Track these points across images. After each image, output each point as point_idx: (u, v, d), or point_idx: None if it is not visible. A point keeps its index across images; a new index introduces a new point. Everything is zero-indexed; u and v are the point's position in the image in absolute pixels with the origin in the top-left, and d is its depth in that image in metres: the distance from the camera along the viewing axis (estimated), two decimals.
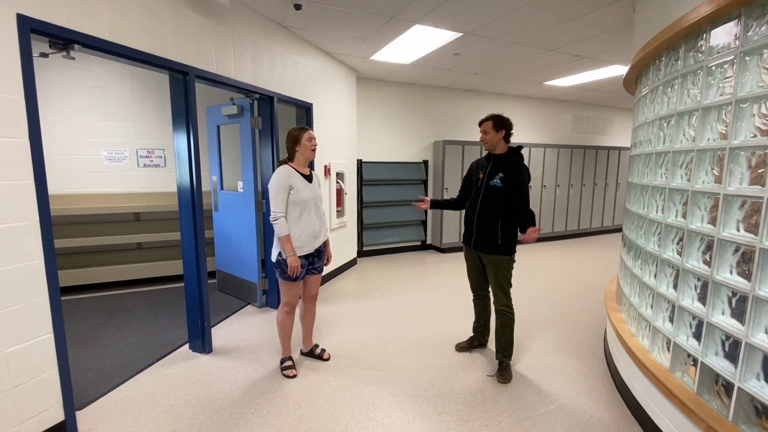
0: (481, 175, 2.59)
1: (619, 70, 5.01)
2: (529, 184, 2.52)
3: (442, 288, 4.46)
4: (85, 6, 1.98)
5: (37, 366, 1.84)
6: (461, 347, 2.93)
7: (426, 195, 6.17)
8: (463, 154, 6.04)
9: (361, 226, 5.68)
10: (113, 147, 4.38)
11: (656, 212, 2.11)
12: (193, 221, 2.73)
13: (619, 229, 8.15)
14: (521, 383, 2.51)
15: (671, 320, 1.89)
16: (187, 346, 2.96)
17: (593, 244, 7.09)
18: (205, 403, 2.27)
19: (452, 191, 6.03)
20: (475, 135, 6.54)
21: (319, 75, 4.25)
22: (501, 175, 2.48)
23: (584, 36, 3.80)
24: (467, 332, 3.08)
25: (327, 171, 4.45)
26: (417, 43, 4.03)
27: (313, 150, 2.55)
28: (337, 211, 4.76)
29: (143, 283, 4.46)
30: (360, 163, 5.58)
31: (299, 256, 2.43)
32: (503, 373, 2.54)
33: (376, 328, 3.32)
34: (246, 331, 3.27)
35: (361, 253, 5.76)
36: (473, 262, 2.73)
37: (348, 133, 5.00)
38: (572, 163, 7.20)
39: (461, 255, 5.86)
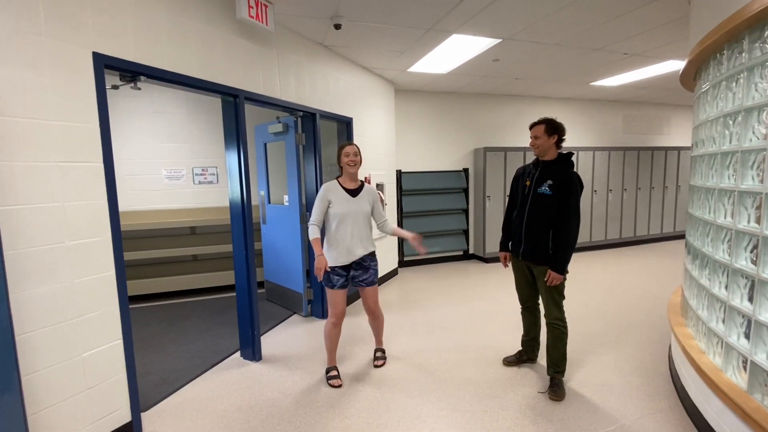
0: (528, 183, 2.51)
1: (675, 65, 4.69)
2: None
3: (487, 299, 4.33)
4: (150, 41, 2.18)
5: (109, 370, 2.02)
6: (509, 361, 2.82)
7: (467, 203, 6.07)
8: (506, 161, 5.89)
9: None
10: (172, 166, 4.75)
11: (724, 217, 1.93)
12: (243, 234, 2.88)
13: (680, 236, 7.51)
14: (575, 401, 2.37)
15: (747, 336, 1.71)
16: (238, 353, 3.10)
17: (651, 252, 6.58)
18: (255, 410, 2.36)
19: (494, 199, 5.88)
20: (518, 141, 6.37)
21: (358, 90, 4.36)
22: (550, 182, 2.39)
23: (632, 33, 3.60)
24: (515, 346, 2.96)
25: (367, 182, 4.51)
26: (454, 52, 4.02)
27: (350, 164, 2.60)
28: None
29: (199, 293, 4.75)
30: (399, 173, 5.62)
31: (336, 266, 2.55)
32: (555, 389, 2.41)
33: (420, 340, 3.29)
34: (292, 340, 3.37)
35: (402, 264, 5.76)
36: (522, 272, 2.64)
37: (387, 145, 5.07)
38: (625, 166, 6.78)
39: None
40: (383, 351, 2.96)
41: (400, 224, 5.63)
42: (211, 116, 4.85)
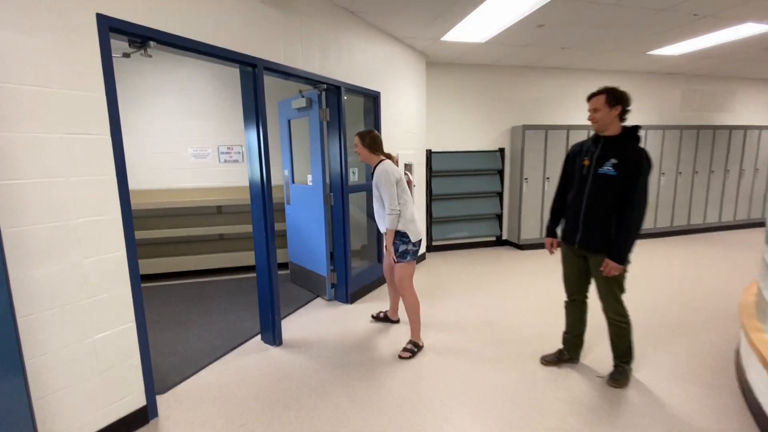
0: (586, 162, 2.18)
1: (754, 29, 4.04)
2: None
3: (522, 290, 4.03)
4: (160, 3, 2.00)
5: (121, 353, 1.94)
6: (548, 360, 2.55)
7: (502, 186, 5.69)
8: (546, 140, 5.43)
9: (430, 220, 5.42)
10: (198, 144, 4.68)
11: None
12: (263, 215, 2.73)
13: (745, 225, 6.78)
14: (628, 410, 2.09)
15: None
16: (259, 336, 3.01)
17: (710, 242, 5.97)
18: (272, 399, 2.24)
19: (533, 181, 5.46)
20: (560, 118, 5.86)
21: (386, 62, 4.06)
22: (614, 161, 2.06)
23: None
24: (554, 343, 2.68)
25: (395, 162, 4.25)
26: (495, 16, 3.62)
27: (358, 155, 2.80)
28: None
29: (225, 272, 4.73)
30: (429, 153, 5.31)
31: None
32: (617, 377, 2.21)
33: (448, 334, 3.07)
34: (315, 325, 3.24)
35: (430, 248, 5.51)
36: (573, 262, 2.35)
37: (417, 122, 4.76)
38: (681, 147, 6.12)
39: (542, 253, 5.35)
40: (414, 344, 2.71)
41: (428, 207, 5.36)
42: (237, 92, 4.69)
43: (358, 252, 4.82)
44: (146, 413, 2.06)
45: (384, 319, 3.25)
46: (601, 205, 2.11)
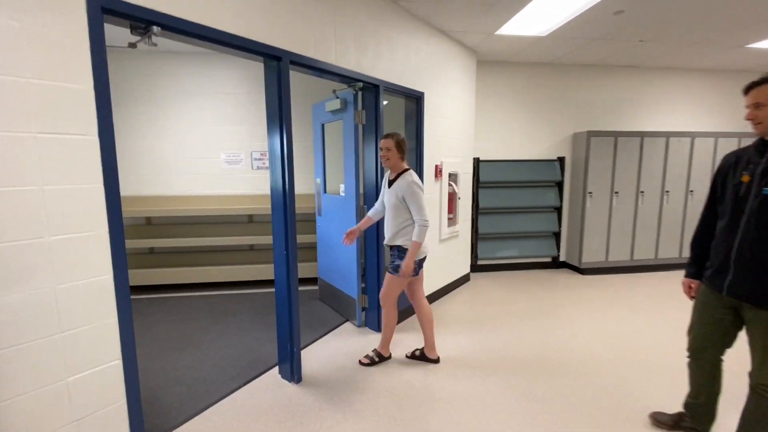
0: (745, 178, 1.61)
1: None
2: None
3: (590, 325, 3.37)
4: None
5: (103, 398, 1.61)
6: (661, 421, 1.96)
7: (561, 200, 5.00)
8: (616, 148, 4.70)
9: (476, 236, 4.86)
10: (231, 150, 4.49)
11: None
12: (284, 230, 2.36)
13: None
14: None
15: None
16: (276, 369, 2.63)
17: None
18: None
19: (598, 195, 4.74)
20: (632, 123, 5.09)
21: (432, 59, 3.61)
22: None
23: None
24: (646, 398, 2.05)
25: (438, 172, 3.78)
26: (561, 3, 3.07)
27: (383, 160, 2.53)
28: (449, 219, 4.05)
29: (253, 285, 4.47)
30: (477, 162, 4.77)
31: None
32: None
33: (501, 380, 2.52)
34: (341, 357, 2.82)
35: (476, 267, 4.94)
36: (715, 311, 1.76)
37: (464, 128, 4.25)
38: None
39: (609, 280, 4.61)
40: (378, 353, 2.73)
41: (474, 222, 4.80)
42: None
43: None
44: None
45: (420, 357, 2.78)
46: (765, 240, 1.52)
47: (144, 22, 1.65)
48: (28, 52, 1.34)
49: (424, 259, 2.57)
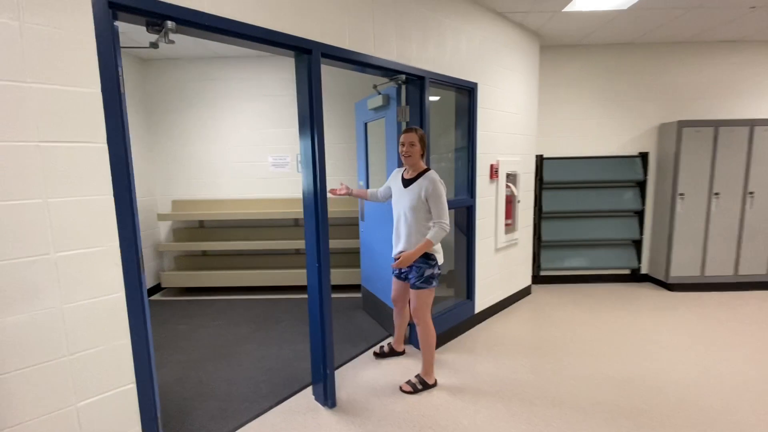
0: None
1: None
2: None
3: (683, 356, 2.76)
4: None
5: (116, 424, 1.50)
6: None
7: (643, 203, 4.28)
8: (716, 141, 3.90)
9: (539, 243, 4.32)
10: (278, 153, 4.44)
11: None
12: (316, 240, 2.15)
13: None
14: None
15: None
16: (311, 389, 2.44)
17: None
18: None
19: (692, 197, 3.97)
20: (737, 110, 4.22)
21: (487, 45, 3.20)
22: None
23: None
24: None
25: (493, 172, 3.36)
26: None
27: (403, 156, 2.32)
28: (506, 225, 3.60)
29: (298, 290, 4.38)
30: (540, 160, 4.24)
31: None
32: None
33: (570, 427, 2.08)
34: (382, 378, 2.55)
35: (537, 279, 4.40)
36: None
37: (524, 121, 3.77)
38: None
39: (703, 297, 3.84)
40: (421, 380, 2.43)
41: (537, 228, 4.27)
42: (324, 97, 4.33)
43: (440, 283, 4.05)
44: None
45: (389, 353, 2.81)
46: None
47: (157, 17, 1.52)
48: (29, 54, 1.24)
49: (442, 264, 2.40)
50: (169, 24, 1.54)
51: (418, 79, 2.65)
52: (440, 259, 2.36)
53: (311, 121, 2.07)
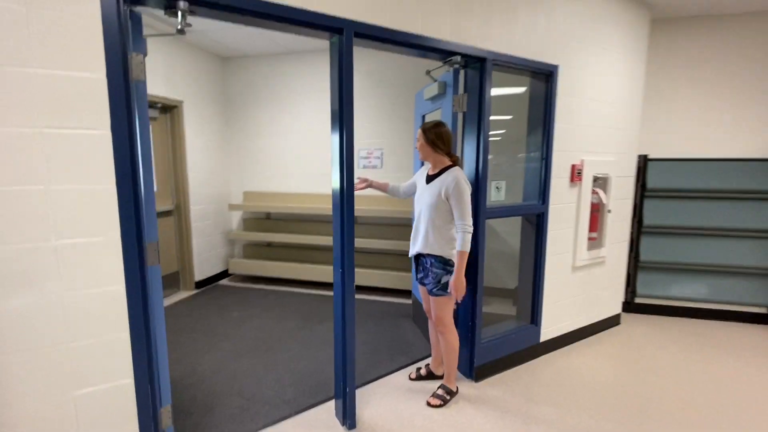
0: None
1: None
2: None
3: None
4: None
5: (112, 418, 1.47)
6: None
7: None
8: None
9: (635, 264, 3.52)
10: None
11: None
12: (341, 244, 1.94)
13: None
14: None
15: None
16: (333, 403, 2.25)
17: None
18: None
19: None
20: None
21: (573, 19, 2.63)
22: None
23: None
24: None
25: (575, 174, 2.77)
26: None
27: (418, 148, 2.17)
28: (590, 240, 2.97)
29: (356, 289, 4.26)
30: (644, 161, 3.43)
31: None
32: None
33: None
34: (414, 404, 2.25)
35: (631, 307, 3.60)
36: None
37: (623, 113, 3.06)
38: None
39: None
40: (447, 390, 2.30)
41: (634, 244, 3.48)
42: (385, 89, 4.14)
43: (493, 299, 3.58)
44: None
45: (426, 377, 2.52)
46: None
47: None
48: (36, 40, 1.23)
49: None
50: (181, 4, 1.45)
51: (477, 61, 2.25)
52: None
53: (340, 113, 1.85)
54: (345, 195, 1.90)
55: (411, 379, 2.52)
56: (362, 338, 3.10)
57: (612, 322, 3.31)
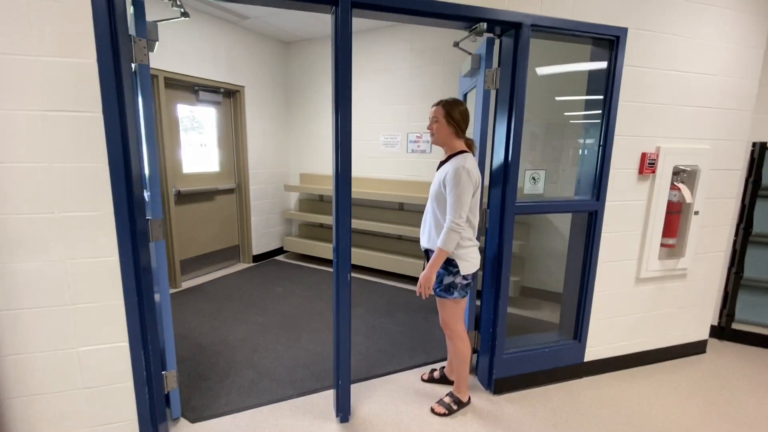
0: None
1: None
2: None
3: None
4: None
5: (110, 373, 1.64)
6: None
7: None
8: None
9: (737, 281, 2.77)
10: (389, 131, 4.22)
11: None
12: (337, 228, 1.85)
13: None
14: None
15: None
16: (332, 391, 2.22)
17: None
18: None
19: None
20: None
21: None
22: None
23: None
24: None
25: (646, 164, 2.24)
26: None
27: (430, 133, 1.93)
28: (664, 246, 2.40)
29: (392, 277, 4.18)
30: (760, 149, 2.64)
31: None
32: None
33: None
34: (418, 407, 2.10)
35: (724, 333, 2.87)
36: None
37: (727, 88, 2.35)
38: None
39: None
40: (455, 399, 2.10)
41: (736, 257, 2.74)
42: (435, 67, 3.87)
43: (546, 304, 3.18)
44: None
45: (439, 380, 2.35)
46: None
47: None
48: (34, 28, 1.35)
49: (475, 275, 2.00)
50: None
51: (511, 28, 1.91)
52: (466, 267, 1.87)
53: (336, 92, 1.73)
54: (339, 178, 1.79)
55: (423, 380, 2.37)
56: (386, 328, 3.01)
57: (693, 349, 2.68)
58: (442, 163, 1.93)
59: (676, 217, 2.40)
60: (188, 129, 3.86)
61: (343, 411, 1.99)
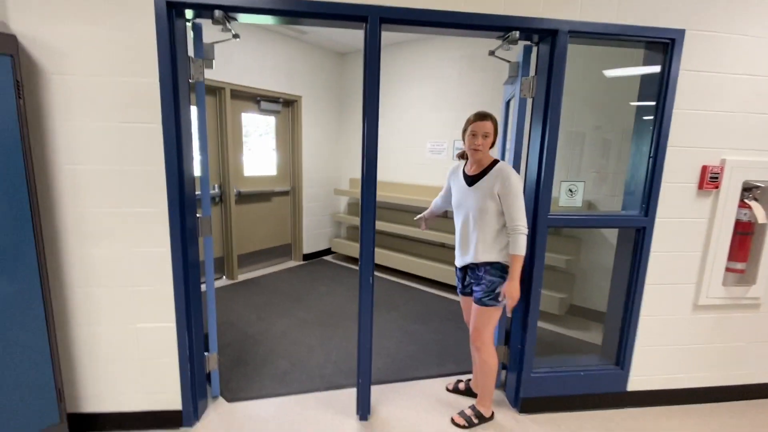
0: None
1: None
2: None
3: None
4: None
5: (158, 350, 1.88)
6: None
7: None
8: None
9: None
10: (436, 138, 4.23)
11: None
12: (363, 232, 1.93)
13: None
14: None
15: None
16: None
17: None
18: None
19: None
20: None
21: None
22: None
23: None
24: None
25: (706, 178, 2.01)
26: None
27: (473, 150, 1.87)
28: (730, 270, 2.13)
29: (433, 284, 4.17)
30: None
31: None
32: None
33: None
34: (437, 418, 2.11)
35: None
36: None
37: None
38: None
39: None
40: (477, 413, 2.06)
41: None
42: (484, 74, 3.81)
43: (595, 324, 2.96)
44: (180, 418, 1.95)
45: (465, 392, 2.32)
46: None
47: (207, 7, 1.66)
48: (113, 54, 1.62)
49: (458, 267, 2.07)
50: (216, 14, 1.67)
51: (548, 35, 1.85)
52: None
53: (364, 102, 1.82)
54: (365, 184, 1.87)
55: (448, 389, 2.35)
56: (419, 334, 3.02)
57: (764, 391, 2.32)
58: (473, 177, 1.91)
59: (746, 239, 2.12)
60: (250, 135, 4.23)
61: (363, 409, 2.06)
